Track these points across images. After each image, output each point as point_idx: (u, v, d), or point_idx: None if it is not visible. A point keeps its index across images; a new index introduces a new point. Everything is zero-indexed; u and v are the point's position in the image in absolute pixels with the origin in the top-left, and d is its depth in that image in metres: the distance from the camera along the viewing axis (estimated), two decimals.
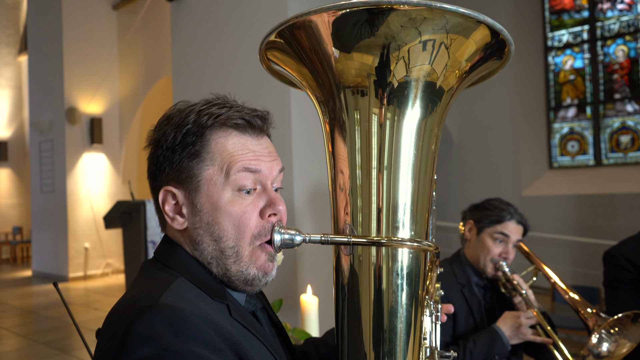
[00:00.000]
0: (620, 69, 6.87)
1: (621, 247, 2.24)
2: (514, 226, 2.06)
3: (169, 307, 0.81)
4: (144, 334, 0.79)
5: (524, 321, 1.91)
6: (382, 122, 0.95)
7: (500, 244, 2.06)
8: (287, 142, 4.39)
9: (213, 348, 0.81)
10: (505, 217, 2.06)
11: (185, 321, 0.80)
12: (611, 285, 2.19)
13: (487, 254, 2.06)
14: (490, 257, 2.05)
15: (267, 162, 0.97)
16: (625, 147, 6.81)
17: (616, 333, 1.86)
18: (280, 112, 4.38)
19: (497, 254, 2.05)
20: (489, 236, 2.07)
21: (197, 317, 0.82)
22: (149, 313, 0.80)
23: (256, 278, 0.95)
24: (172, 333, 0.79)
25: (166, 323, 0.79)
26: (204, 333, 0.81)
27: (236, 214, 0.93)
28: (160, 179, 0.98)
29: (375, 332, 0.95)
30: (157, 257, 1.00)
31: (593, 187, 6.75)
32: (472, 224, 2.16)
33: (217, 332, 0.83)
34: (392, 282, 0.95)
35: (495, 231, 2.05)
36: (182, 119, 0.95)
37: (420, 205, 0.98)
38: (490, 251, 2.05)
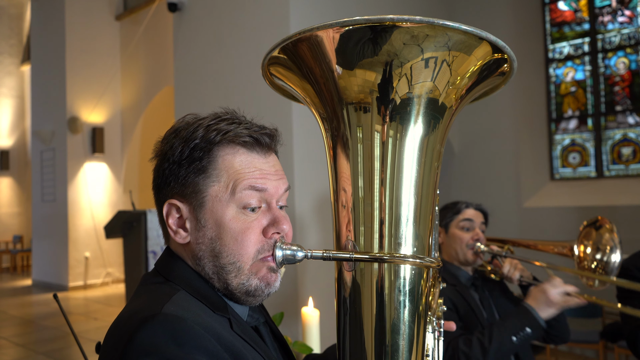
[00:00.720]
0: (621, 81, 6.88)
1: (634, 258, 2.28)
2: (473, 212, 2.23)
3: (171, 317, 0.81)
4: (146, 344, 0.78)
5: (550, 289, 1.84)
6: (384, 139, 0.95)
7: (467, 231, 2.19)
8: (289, 154, 4.40)
9: (215, 357, 0.80)
10: (461, 207, 2.23)
11: (188, 331, 0.80)
12: (626, 296, 2.20)
13: (461, 242, 2.18)
14: (464, 244, 2.17)
15: (274, 180, 0.97)
16: (627, 159, 6.80)
17: (593, 245, 2.11)
18: (282, 124, 4.39)
19: (470, 239, 2.17)
20: (455, 227, 2.21)
21: (200, 327, 0.82)
22: (151, 323, 0.80)
23: (258, 289, 0.94)
24: (174, 343, 0.78)
25: (169, 333, 0.79)
26: (207, 343, 0.80)
27: (239, 230, 0.93)
28: (165, 192, 0.98)
29: (377, 349, 0.94)
30: (158, 269, 1.00)
31: (594, 199, 6.73)
32: (439, 229, 2.24)
33: (220, 342, 0.83)
34: (394, 299, 0.94)
35: (459, 220, 2.21)
36: (190, 133, 0.95)
37: (422, 221, 0.98)
38: (462, 239, 2.18)
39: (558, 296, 1.83)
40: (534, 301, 1.86)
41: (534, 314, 1.83)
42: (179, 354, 0.77)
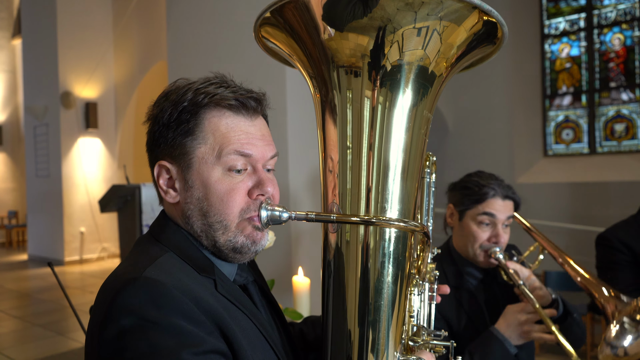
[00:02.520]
0: (616, 57, 6.87)
1: (614, 230, 2.29)
2: (500, 203, 1.73)
3: (151, 281, 0.85)
4: (126, 306, 0.83)
5: (525, 318, 1.60)
6: (373, 104, 0.97)
7: (487, 227, 1.74)
8: (283, 126, 4.40)
9: (192, 319, 0.84)
10: (487, 194, 1.73)
11: (166, 294, 0.84)
12: (606, 267, 2.24)
13: (475, 241, 1.75)
14: (478, 244, 1.75)
15: (260, 146, 0.99)
16: (620, 136, 6.84)
17: None
18: (275, 97, 4.38)
19: (486, 239, 1.74)
20: (472, 220, 1.75)
21: (178, 291, 0.85)
22: (132, 286, 0.84)
23: (245, 246, 0.98)
24: (152, 305, 0.82)
25: (148, 295, 0.83)
26: (184, 305, 0.84)
27: (224, 191, 0.95)
28: (156, 153, 1.02)
29: (360, 309, 0.97)
30: (150, 231, 1.03)
31: (587, 175, 6.78)
32: (452, 209, 1.84)
33: (198, 305, 0.86)
34: (377, 261, 0.97)
35: (478, 213, 1.73)
36: (180, 97, 0.97)
37: (408, 186, 1.00)
38: (477, 237, 1.74)
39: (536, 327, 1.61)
40: (506, 328, 1.62)
41: (507, 346, 1.61)
42: (156, 316, 0.81)
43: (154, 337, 0.80)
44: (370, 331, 0.97)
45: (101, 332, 0.83)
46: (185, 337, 0.81)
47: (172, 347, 0.80)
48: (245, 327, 0.94)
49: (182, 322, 0.82)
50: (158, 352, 0.79)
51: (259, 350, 0.94)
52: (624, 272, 2.17)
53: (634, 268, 2.17)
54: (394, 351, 0.99)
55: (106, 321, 0.83)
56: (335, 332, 1.00)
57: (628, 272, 2.17)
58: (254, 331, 0.95)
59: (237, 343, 0.88)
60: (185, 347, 0.80)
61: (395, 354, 0.99)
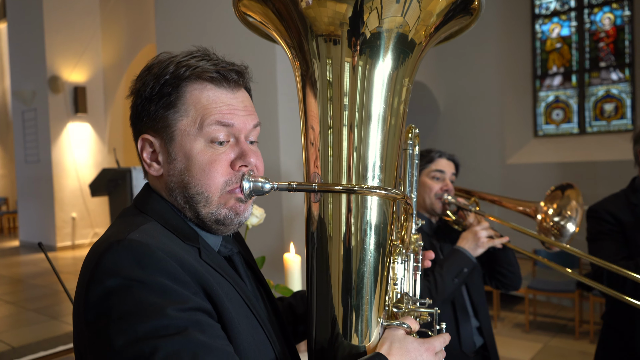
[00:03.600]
0: (606, 37, 6.88)
1: (604, 202, 2.34)
2: (445, 162, 2.24)
3: (135, 242, 0.86)
4: (111, 267, 0.83)
5: (478, 230, 2.06)
6: (354, 73, 0.97)
7: (438, 180, 2.21)
8: (273, 108, 4.38)
9: (177, 279, 0.85)
10: (434, 156, 2.24)
11: (151, 255, 0.85)
12: (595, 238, 2.29)
13: (430, 192, 2.20)
14: (433, 193, 2.20)
15: (242, 116, 1.00)
16: (609, 116, 6.88)
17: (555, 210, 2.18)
18: (266, 79, 4.36)
19: (439, 189, 2.20)
20: (426, 176, 2.23)
21: (163, 252, 0.86)
22: (116, 248, 0.85)
23: (227, 218, 0.98)
24: (137, 265, 0.83)
25: (132, 256, 0.84)
26: (168, 266, 0.85)
27: (206, 163, 0.96)
28: (139, 127, 1.02)
29: (344, 277, 0.99)
30: (134, 203, 1.04)
31: (576, 155, 6.84)
32: None
33: (182, 267, 0.87)
34: (360, 229, 0.98)
35: (431, 170, 2.22)
36: (162, 70, 0.98)
37: (389, 154, 1.01)
38: (432, 188, 2.20)
39: (486, 238, 2.05)
40: (465, 242, 2.06)
41: (468, 255, 2.04)
42: (141, 276, 0.82)
43: (139, 295, 0.81)
44: (354, 299, 0.99)
45: (86, 295, 0.84)
46: (171, 294, 0.83)
47: (157, 304, 0.81)
48: (229, 294, 0.95)
49: (167, 281, 0.83)
50: (144, 308, 0.80)
51: (243, 318, 0.95)
52: (612, 242, 2.21)
53: (621, 238, 2.22)
54: (377, 317, 1.00)
55: (91, 283, 0.84)
56: (320, 301, 1.01)
57: (615, 242, 2.21)
58: (238, 299, 0.96)
59: (222, 305, 0.89)
60: (170, 304, 0.81)
61: (379, 320, 1.01)
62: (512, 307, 6.44)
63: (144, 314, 0.80)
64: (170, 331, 0.80)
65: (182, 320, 0.81)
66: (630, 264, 2.08)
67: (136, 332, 0.79)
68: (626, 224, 2.21)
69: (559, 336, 5.36)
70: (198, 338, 0.80)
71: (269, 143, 4.30)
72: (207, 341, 0.81)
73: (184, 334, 0.80)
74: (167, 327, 0.80)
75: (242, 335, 0.91)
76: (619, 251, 2.18)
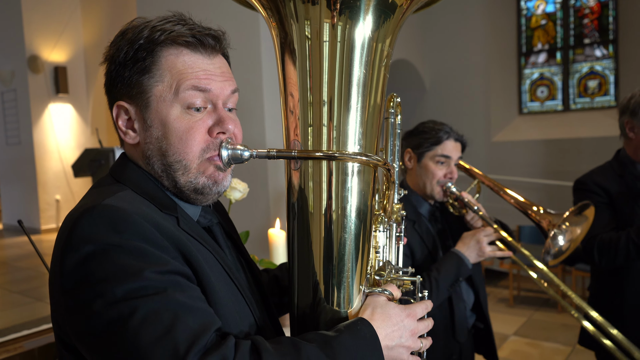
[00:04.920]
0: (590, 14, 6.87)
1: (591, 174, 2.35)
2: (453, 144, 2.04)
3: (111, 207, 0.84)
4: (86, 233, 0.82)
5: (482, 238, 1.91)
6: (333, 34, 0.95)
7: (442, 165, 2.04)
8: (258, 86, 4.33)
9: (155, 244, 0.84)
10: (442, 137, 2.03)
11: (127, 219, 0.83)
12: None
13: (433, 178, 2.03)
14: (436, 180, 2.03)
15: (219, 81, 0.97)
16: (593, 92, 6.92)
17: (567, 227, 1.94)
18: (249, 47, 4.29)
19: (442, 176, 2.03)
20: (430, 160, 2.04)
21: (140, 217, 0.85)
22: (90, 213, 0.83)
23: (206, 186, 0.97)
24: (113, 230, 0.82)
25: (107, 221, 0.82)
26: (146, 230, 0.84)
27: (183, 130, 0.94)
28: (114, 94, 0.99)
29: (325, 245, 0.98)
30: (110, 173, 1.02)
31: (561, 132, 6.88)
32: (410, 152, 2.10)
33: (160, 231, 0.86)
34: (340, 196, 0.97)
35: (436, 154, 2.03)
36: (136, 35, 0.95)
37: (370, 120, 0.99)
38: (435, 174, 2.03)
39: (489, 247, 1.92)
40: (466, 248, 1.92)
41: (466, 262, 1.90)
42: (118, 240, 0.81)
43: (116, 259, 0.80)
44: (335, 267, 0.98)
45: (62, 263, 0.82)
46: (149, 257, 0.81)
47: (134, 267, 0.80)
48: (209, 261, 0.94)
49: (145, 245, 0.82)
50: (122, 271, 0.79)
51: (223, 285, 0.94)
52: (601, 214, 2.22)
53: (610, 210, 2.23)
54: (359, 284, 1.00)
55: (66, 251, 0.82)
56: (301, 270, 1.01)
57: (604, 214, 2.23)
58: (218, 268, 0.95)
59: (202, 271, 0.88)
60: (149, 266, 0.80)
61: (361, 287, 1.01)
62: (496, 283, 6.54)
63: (122, 277, 0.79)
64: (149, 291, 0.79)
65: (161, 282, 0.80)
66: (622, 235, 2.11)
67: (114, 295, 0.78)
68: (614, 195, 2.22)
69: (542, 310, 5.46)
70: (178, 298, 0.80)
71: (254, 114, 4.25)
72: (188, 302, 0.80)
73: (164, 294, 0.79)
74: (145, 287, 0.79)
75: (222, 301, 0.91)
76: (608, 222, 2.20)
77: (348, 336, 0.88)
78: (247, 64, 4.21)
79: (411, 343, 0.97)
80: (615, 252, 2.10)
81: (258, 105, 4.29)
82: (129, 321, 0.77)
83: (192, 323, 0.78)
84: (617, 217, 2.22)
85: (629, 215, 2.18)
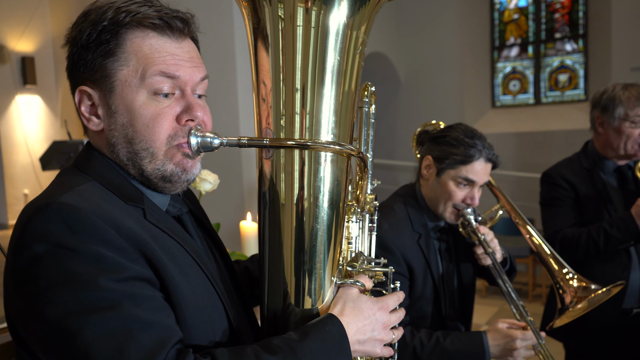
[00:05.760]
0: (561, 8, 6.99)
1: (558, 167, 2.37)
2: (482, 166, 1.70)
3: (66, 206, 0.80)
4: (39, 232, 0.78)
5: (519, 345, 1.62)
6: (307, 18, 0.92)
7: (464, 187, 1.72)
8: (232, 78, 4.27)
9: (112, 246, 0.80)
10: (473, 156, 1.68)
11: (83, 219, 0.79)
12: (549, 203, 2.33)
13: (449, 199, 1.73)
14: (452, 202, 1.73)
15: (188, 67, 0.94)
16: (563, 86, 7.05)
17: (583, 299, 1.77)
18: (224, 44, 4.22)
19: (461, 199, 1.73)
20: (451, 180, 1.72)
21: (97, 217, 0.81)
22: (44, 211, 0.80)
23: (174, 174, 0.94)
24: (68, 231, 0.78)
25: (62, 221, 0.79)
26: (103, 231, 0.80)
27: (150, 116, 0.90)
28: (76, 78, 0.95)
29: (297, 235, 0.96)
30: (74, 163, 0.98)
31: (532, 125, 6.99)
32: (430, 161, 1.78)
33: (119, 231, 0.82)
34: (313, 185, 0.95)
35: (460, 175, 1.70)
36: (99, 16, 0.91)
37: (343, 109, 0.97)
38: (453, 196, 1.72)
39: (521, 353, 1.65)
40: (495, 345, 1.65)
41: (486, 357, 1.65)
42: (72, 242, 0.77)
43: (68, 264, 0.76)
44: (307, 258, 0.96)
45: (14, 260, 0.79)
46: (104, 263, 0.78)
47: (89, 274, 0.76)
48: (177, 255, 0.90)
49: (101, 248, 0.78)
50: (73, 279, 0.76)
51: (193, 278, 0.91)
52: (566, 209, 2.26)
53: (575, 206, 2.26)
54: (330, 276, 0.98)
55: (18, 248, 0.79)
56: (272, 261, 0.99)
57: (569, 209, 2.26)
58: (187, 259, 0.92)
59: (165, 270, 0.85)
60: (104, 274, 0.77)
61: (333, 279, 0.99)
62: None
63: (74, 285, 0.75)
64: (103, 305, 0.75)
65: (116, 293, 0.76)
66: (583, 232, 2.14)
67: (65, 306, 0.75)
68: (580, 192, 2.26)
69: None
70: (133, 312, 0.76)
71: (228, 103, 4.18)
72: (144, 315, 0.77)
73: (118, 309, 0.75)
74: (99, 300, 0.75)
75: (188, 300, 0.88)
76: (572, 218, 2.24)
77: (315, 339, 0.86)
78: (220, 51, 4.14)
79: (384, 336, 0.96)
80: (576, 248, 2.13)
81: (231, 93, 4.23)
82: (80, 337, 0.74)
83: (147, 341, 0.75)
84: (581, 211, 2.25)
85: (593, 213, 2.22)
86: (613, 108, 2.17)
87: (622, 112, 2.15)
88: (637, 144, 2.16)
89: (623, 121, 2.15)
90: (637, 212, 2.02)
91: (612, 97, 2.19)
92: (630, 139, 2.16)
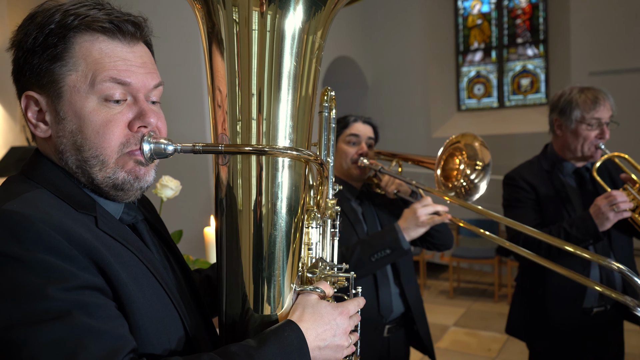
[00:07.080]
0: (522, 14, 7.17)
1: (520, 170, 2.42)
2: (361, 125, 2.16)
3: (11, 213, 0.77)
4: None
5: (419, 209, 1.94)
6: (262, 22, 0.91)
7: (353, 145, 2.14)
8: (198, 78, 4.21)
9: (61, 254, 0.77)
10: (349, 120, 2.16)
11: (30, 228, 0.76)
12: (511, 205, 2.37)
13: (346, 157, 2.13)
14: (349, 158, 2.12)
15: (140, 74, 0.91)
16: (525, 90, 7.22)
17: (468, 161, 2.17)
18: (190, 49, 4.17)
19: (354, 153, 2.12)
20: (342, 142, 2.16)
21: (44, 224, 0.78)
22: None
23: (126, 182, 0.91)
24: (13, 239, 0.75)
25: (7, 229, 0.75)
26: (51, 239, 0.77)
27: (100, 123, 0.87)
28: (22, 83, 0.91)
29: (255, 243, 0.94)
30: (22, 170, 0.94)
31: (496, 128, 7.13)
32: None
33: (69, 239, 0.79)
34: (270, 192, 0.94)
35: (346, 135, 2.14)
36: (47, 19, 0.87)
37: (301, 114, 0.96)
38: (347, 153, 2.13)
39: (426, 216, 1.93)
40: (404, 221, 1.95)
41: (399, 237, 1.93)
42: (17, 251, 0.74)
43: (15, 274, 0.73)
44: (265, 265, 0.95)
45: None
46: (52, 272, 0.75)
47: (36, 284, 0.73)
48: (130, 264, 0.87)
49: (49, 257, 0.75)
50: (20, 289, 0.72)
51: (147, 288, 0.88)
52: (527, 210, 2.30)
53: (536, 206, 2.31)
54: (290, 283, 0.97)
55: None
56: (231, 268, 0.97)
57: (530, 210, 2.31)
58: (141, 268, 0.89)
59: (118, 279, 0.82)
60: (52, 283, 0.73)
61: (292, 286, 0.98)
62: (437, 275, 6.71)
63: (20, 296, 0.72)
64: (51, 315, 0.72)
65: (65, 302, 0.73)
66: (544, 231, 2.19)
67: (10, 317, 0.71)
68: (541, 193, 2.31)
69: (480, 300, 5.65)
70: (83, 322, 0.73)
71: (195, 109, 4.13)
72: (95, 324, 0.74)
73: (67, 319, 0.72)
74: (47, 310, 0.72)
75: (141, 310, 0.85)
76: (534, 219, 2.28)
77: (273, 345, 0.85)
78: (187, 56, 4.09)
79: (344, 341, 0.95)
80: (538, 247, 2.18)
81: (198, 99, 4.18)
82: (27, 348, 0.71)
83: (97, 350, 0.72)
84: (542, 212, 2.30)
85: (553, 213, 2.27)
86: (570, 111, 2.23)
87: (579, 115, 2.20)
88: (593, 146, 2.22)
89: (580, 124, 2.21)
90: (595, 212, 2.07)
91: (569, 100, 2.24)
92: (587, 141, 2.21)
